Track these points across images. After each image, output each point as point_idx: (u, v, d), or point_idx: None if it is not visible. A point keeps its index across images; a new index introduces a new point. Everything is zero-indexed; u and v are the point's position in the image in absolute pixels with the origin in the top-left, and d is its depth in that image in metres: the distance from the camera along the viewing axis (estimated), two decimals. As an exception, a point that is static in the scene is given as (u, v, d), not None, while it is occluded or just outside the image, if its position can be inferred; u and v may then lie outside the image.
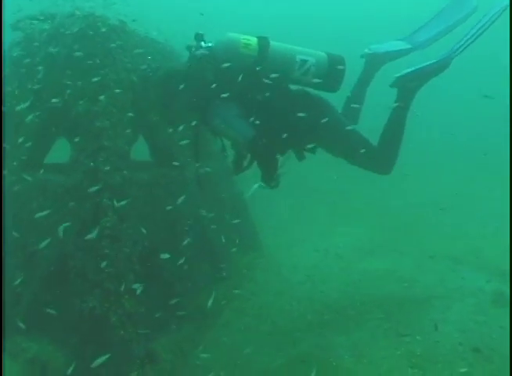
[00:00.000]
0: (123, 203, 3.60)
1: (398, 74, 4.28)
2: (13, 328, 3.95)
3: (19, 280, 4.08)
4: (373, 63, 4.82)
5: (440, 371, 3.46)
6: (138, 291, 3.33)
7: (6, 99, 4.78)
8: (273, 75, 3.81)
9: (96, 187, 3.55)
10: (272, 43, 3.92)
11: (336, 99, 4.41)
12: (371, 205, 4.25)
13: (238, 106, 3.86)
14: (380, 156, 4.30)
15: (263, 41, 3.88)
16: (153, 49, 4.84)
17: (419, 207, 9.18)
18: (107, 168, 3.68)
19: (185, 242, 4.20)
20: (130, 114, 4.12)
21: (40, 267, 3.92)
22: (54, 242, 3.80)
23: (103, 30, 4.21)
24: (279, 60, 3.88)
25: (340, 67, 4.02)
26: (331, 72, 3.99)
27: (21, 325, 3.89)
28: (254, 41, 3.86)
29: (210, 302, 4.54)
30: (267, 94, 3.86)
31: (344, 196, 8.65)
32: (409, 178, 4.50)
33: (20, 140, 4.31)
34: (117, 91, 4.05)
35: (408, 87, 4.24)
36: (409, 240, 7.35)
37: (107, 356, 2.94)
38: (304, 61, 3.89)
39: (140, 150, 5.21)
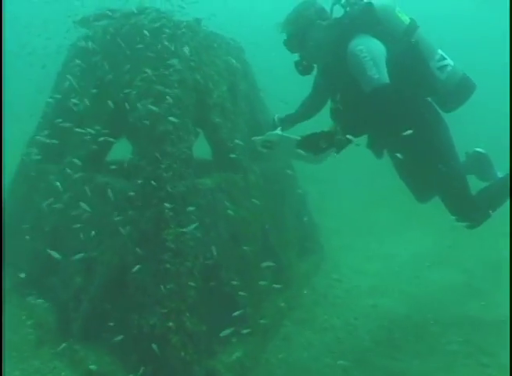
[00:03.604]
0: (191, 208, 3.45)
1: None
2: (72, 335, 3.87)
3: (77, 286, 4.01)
4: (472, 163, 4.57)
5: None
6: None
7: (67, 94, 4.70)
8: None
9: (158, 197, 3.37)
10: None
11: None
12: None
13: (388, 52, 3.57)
14: (472, 206, 4.03)
15: (412, 20, 3.78)
16: (217, 46, 4.61)
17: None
18: (170, 175, 3.47)
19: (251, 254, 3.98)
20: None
21: (100, 274, 3.79)
22: (114, 250, 3.68)
23: (169, 27, 4.01)
24: (424, 43, 3.73)
25: (470, 89, 3.90)
26: (459, 87, 3.84)
27: (78, 333, 3.83)
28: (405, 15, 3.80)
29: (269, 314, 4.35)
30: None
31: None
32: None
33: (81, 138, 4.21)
34: (181, 91, 3.83)
35: None
36: (484, 249, 6.80)
37: None
38: (444, 58, 3.80)
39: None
